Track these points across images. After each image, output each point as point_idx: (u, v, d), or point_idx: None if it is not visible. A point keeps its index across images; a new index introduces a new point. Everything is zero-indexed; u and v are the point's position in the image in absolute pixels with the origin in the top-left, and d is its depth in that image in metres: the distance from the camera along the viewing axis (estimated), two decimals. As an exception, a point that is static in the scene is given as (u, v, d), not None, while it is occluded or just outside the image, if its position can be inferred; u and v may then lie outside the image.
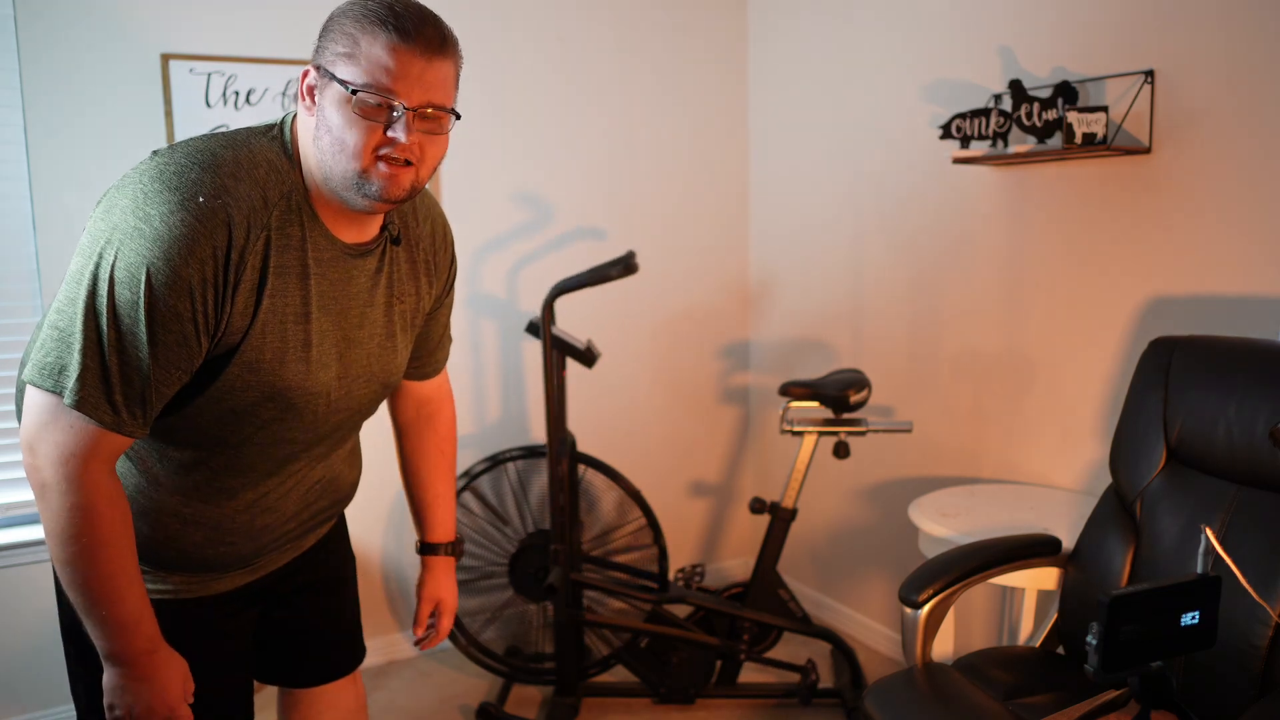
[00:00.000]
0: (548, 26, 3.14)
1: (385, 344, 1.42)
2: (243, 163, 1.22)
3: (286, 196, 1.25)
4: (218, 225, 1.17)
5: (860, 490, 3.18)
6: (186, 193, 1.16)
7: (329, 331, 1.32)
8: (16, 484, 2.58)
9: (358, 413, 1.44)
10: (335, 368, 1.34)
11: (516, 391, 3.24)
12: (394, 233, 1.40)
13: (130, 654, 1.26)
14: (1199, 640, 1.25)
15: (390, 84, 1.18)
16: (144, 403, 1.19)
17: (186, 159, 1.20)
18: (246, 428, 1.31)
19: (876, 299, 3.05)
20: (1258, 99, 2.07)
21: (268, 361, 1.26)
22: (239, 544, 1.41)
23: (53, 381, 1.17)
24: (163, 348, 1.17)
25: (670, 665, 2.72)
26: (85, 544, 1.20)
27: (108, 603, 1.22)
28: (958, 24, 2.70)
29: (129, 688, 1.27)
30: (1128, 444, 2.01)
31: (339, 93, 1.19)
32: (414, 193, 1.26)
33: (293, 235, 1.25)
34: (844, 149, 3.12)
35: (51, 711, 2.60)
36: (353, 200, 1.24)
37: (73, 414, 1.17)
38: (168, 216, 1.15)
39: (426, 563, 1.73)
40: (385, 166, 1.21)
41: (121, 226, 1.16)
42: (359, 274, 1.35)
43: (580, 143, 3.24)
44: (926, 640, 1.91)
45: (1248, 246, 2.11)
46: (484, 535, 3.01)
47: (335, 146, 1.20)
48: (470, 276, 3.07)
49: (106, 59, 2.54)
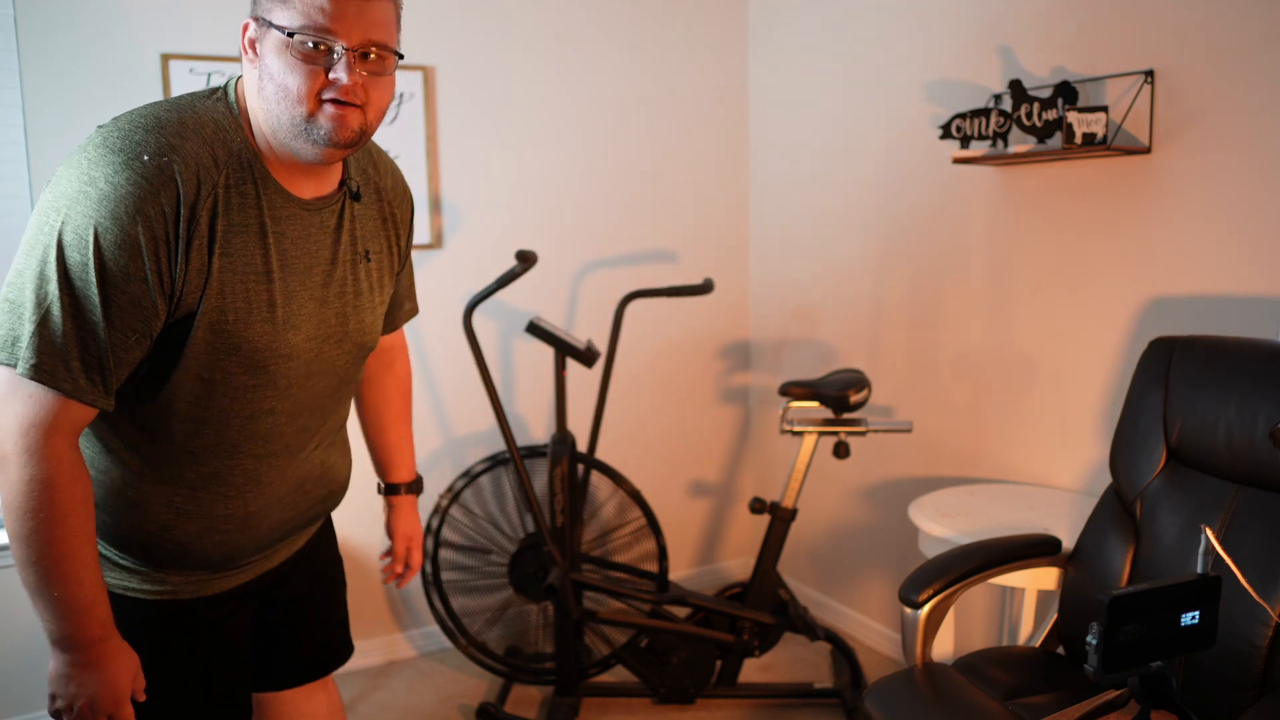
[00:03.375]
0: (546, 27, 3.14)
1: (355, 303, 1.40)
2: (188, 123, 1.22)
3: (236, 155, 1.24)
4: (165, 182, 1.17)
5: (860, 490, 3.18)
6: (131, 153, 1.16)
7: (296, 291, 1.31)
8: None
9: (334, 377, 1.42)
10: (305, 328, 1.33)
11: (516, 392, 3.24)
12: (353, 188, 1.39)
13: (81, 639, 1.22)
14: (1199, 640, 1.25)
15: (328, 24, 1.17)
16: (102, 368, 1.18)
17: (129, 124, 1.20)
18: (222, 399, 1.29)
19: (876, 299, 3.05)
20: (1258, 99, 2.07)
21: (232, 323, 1.25)
22: (234, 533, 1.39)
23: (6, 353, 1.16)
24: (116, 309, 1.16)
25: (670, 665, 2.72)
26: (43, 519, 1.17)
27: (62, 583, 1.19)
28: (958, 24, 2.70)
29: (75, 676, 1.23)
30: (1128, 444, 2.01)
31: (277, 38, 1.18)
32: (364, 137, 1.25)
33: (247, 193, 1.24)
34: (844, 149, 3.12)
35: (51, 711, 2.61)
36: (303, 149, 1.23)
37: (30, 384, 1.15)
38: (112, 177, 1.15)
39: (393, 502, 1.77)
40: (331, 108, 1.20)
41: (67, 193, 1.16)
42: (319, 230, 1.34)
43: (579, 143, 3.24)
44: (926, 640, 1.91)
45: (1248, 246, 2.11)
46: (484, 535, 3.02)
47: (279, 94, 1.20)
48: (470, 276, 3.07)
49: (106, 59, 2.54)
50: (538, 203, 3.19)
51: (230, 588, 1.45)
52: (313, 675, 1.65)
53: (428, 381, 3.08)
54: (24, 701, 2.59)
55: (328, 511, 1.58)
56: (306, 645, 1.64)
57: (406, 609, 3.14)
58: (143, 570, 1.36)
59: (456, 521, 2.98)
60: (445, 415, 3.12)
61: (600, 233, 3.30)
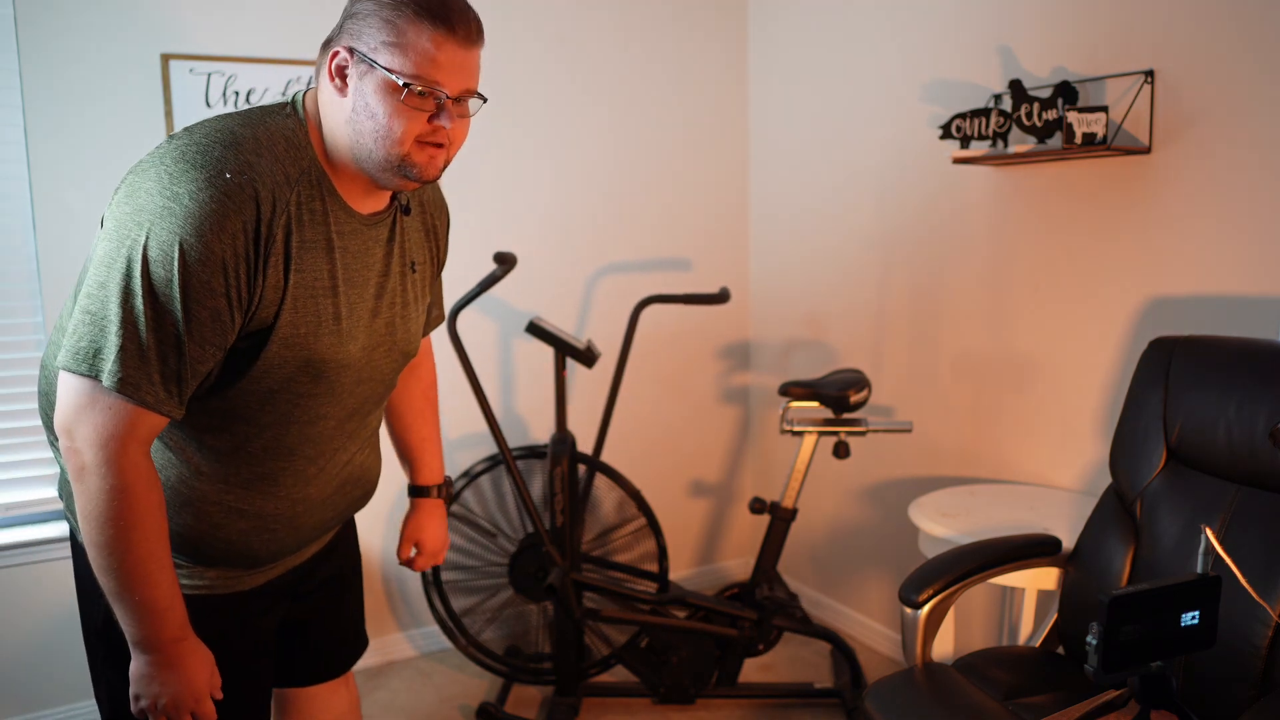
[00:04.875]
0: (548, 26, 3.14)
1: (403, 313, 1.45)
2: (262, 140, 1.25)
3: (306, 172, 1.28)
4: (245, 200, 1.19)
5: (860, 490, 3.18)
6: (213, 170, 1.19)
7: (356, 304, 1.35)
8: (16, 484, 2.58)
9: (381, 383, 1.46)
10: (361, 338, 1.37)
11: (516, 392, 3.24)
12: (404, 202, 1.44)
13: (160, 640, 1.26)
14: (1199, 640, 1.25)
15: (436, 75, 1.22)
16: (180, 380, 1.21)
17: (206, 138, 1.22)
18: (283, 405, 1.32)
19: (876, 299, 3.05)
20: (1258, 99, 2.07)
21: (303, 336, 1.28)
22: (280, 531, 1.42)
23: (88, 365, 1.18)
24: (197, 323, 1.19)
25: (670, 665, 2.72)
26: (122, 526, 1.21)
27: (141, 586, 1.23)
28: (958, 24, 2.70)
29: (156, 676, 1.28)
30: (1128, 444, 2.01)
31: (385, 81, 1.22)
32: (443, 171, 1.32)
33: (316, 210, 1.28)
34: (844, 149, 3.12)
35: (53, 711, 2.60)
36: (386, 180, 1.29)
37: (111, 395, 1.18)
38: (196, 194, 1.17)
39: (415, 504, 1.77)
40: (425, 150, 1.26)
41: (149, 207, 1.18)
42: (375, 245, 1.38)
43: (579, 143, 3.24)
44: (926, 640, 1.92)
45: (1248, 246, 2.11)
46: (484, 535, 3.02)
47: (379, 132, 1.24)
48: (470, 276, 3.07)
49: (107, 59, 2.54)
50: (537, 203, 3.19)
51: (263, 583, 1.47)
52: (337, 670, 1.69)
53: (428, 381, 3.08)
54: (24, 701, 2.59)
55: (360, 509, 1.62)
56: (331, 640, 1.67)
57: (406, 609, 3.14)
58: (186, 567, 1.39)
59: (456, 522, 2.98)
60: (444, 416, 3.12)
61: (602, 234, 3.30)
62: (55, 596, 2.56)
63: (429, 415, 1.75)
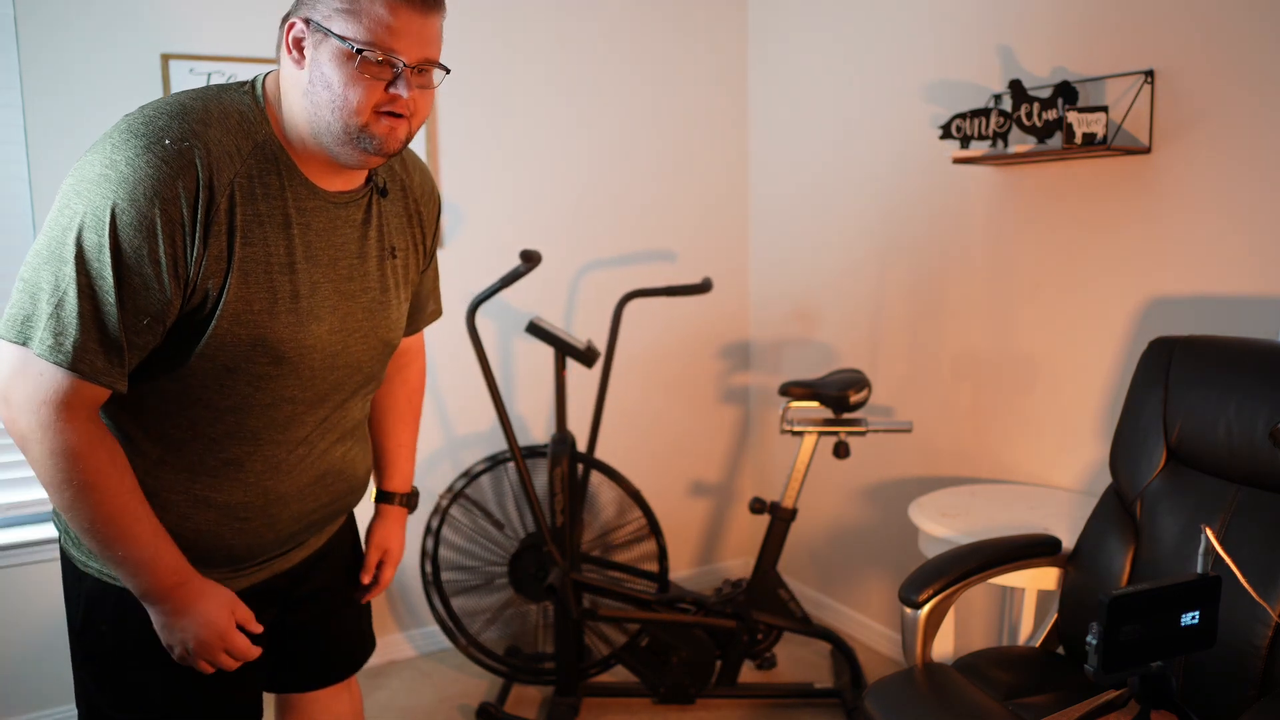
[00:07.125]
0: (547, 27, 3.14)
1: (380, 299, 1.42)
2: (213, 111, 1.24)
3: (261, 146, 1.26)
4: (184, 167, 1.18)
5: (860, 490, 3.18)
6: (152, 137, 1.18)
7: (320, 283, 1.32)
8: (17, 484, 2.58)
9: (358, 371, 1.43)
10: (329, 320, 1.34)
11: (516, 392, 3.24)
12: (380, 184, 1.41)
13: (159, 590, 1.27)
14: (1199, 640, 1.25)
15: (392, 42, 1.20)
16: (118, 350, 1.19)
17: (155, 110, 1.22)
18: (243, 387, 1.30)
19: (876, 299, 3.06)
20: (1258, 99, 2.07)
21: (256, 313, 1.26)
22: (253, 522, 1.39)
23: (17, 332, 1.18)
24: (129, 289, 1.17)
25: (670, 665, 2.72)
26: (77, 488, 1.21)
27: (118, 543, 1.23)
28: (958, 24, 2.70)
29: (172, 624, 1.29)
30: (1128, 444, 2.01)
31: (339, 49, 1.20)
32: (406, 145, 1.29)
33: (271, 185, 1.26)
34: (844, 149, 3.12)
35: (52, 711, 2.60)
36: (346, 155, 1.26)
37: (40, 362, 1.17)
38: (133, 159, 1.17)
39: (382, 511, 1.71)
40: (384, 120, 1.24)
41: (89, 176, 1.18)
42: (345, 224, 1.35)
43: (579, 143, 3.24)
44: (926, 640, 1.91)
45: (1248, 246, 2.11)
46: (484, 535, 3.01)
47: (336, 102, 1.22)
48: (471, 276, 3.07)
49: (106, 59, 2.54)
50: (538, 203, 3.19)
51: (249, 585, 1.45)
52: (338, 676, 1.66)
53: (428, 381, 3.08)
54: (24, 701, 2.59)
55: (348, 508, 1.58)
56: (330, 645, 1.64)
57: (406, 609, 3.14)
58: None
59: (456, 521, 2.98)
60: (445, 415, 3.12)
61: (601, 233, 3.30)
62: (55, 597, 2.56)
63: (409, 420, 1.71)
